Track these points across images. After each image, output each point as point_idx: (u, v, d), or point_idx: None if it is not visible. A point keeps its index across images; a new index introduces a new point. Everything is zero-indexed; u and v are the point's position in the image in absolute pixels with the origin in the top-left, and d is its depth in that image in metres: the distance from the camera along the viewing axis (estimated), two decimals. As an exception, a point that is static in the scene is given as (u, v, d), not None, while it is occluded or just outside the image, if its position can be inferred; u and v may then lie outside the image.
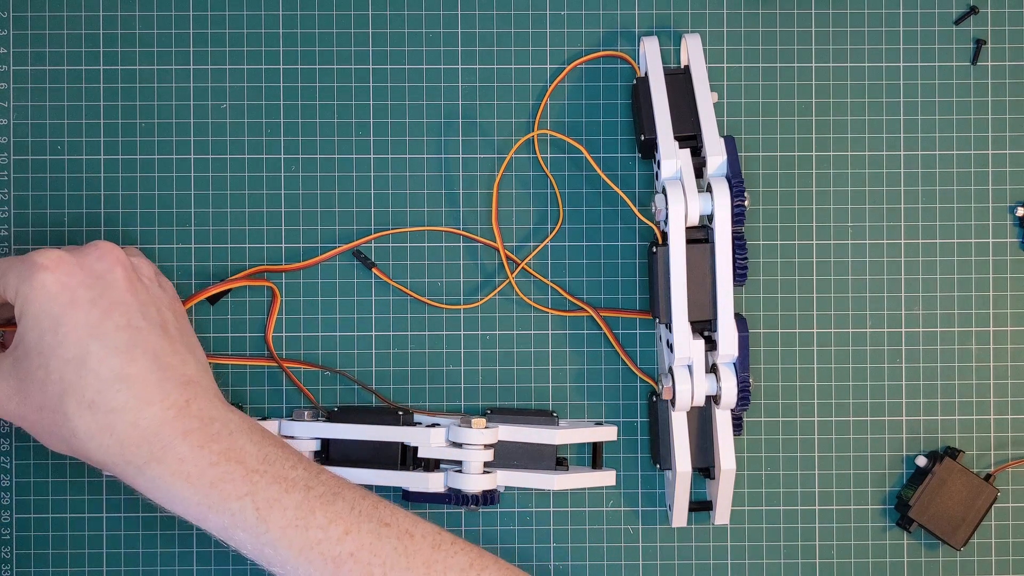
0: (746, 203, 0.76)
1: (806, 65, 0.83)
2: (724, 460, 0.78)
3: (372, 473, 0.78)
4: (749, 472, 0.82)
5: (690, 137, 0.79)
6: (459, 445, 0.78)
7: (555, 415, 0.81)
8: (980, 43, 0.83)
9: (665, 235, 0.77)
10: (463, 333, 0.82)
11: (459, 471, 0.78)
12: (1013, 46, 0.83)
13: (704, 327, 0.78)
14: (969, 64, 0.83)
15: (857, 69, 0.83)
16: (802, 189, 0.83)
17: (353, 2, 0.82)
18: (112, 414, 0.69)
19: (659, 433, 0.80)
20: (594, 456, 0.82)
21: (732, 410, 0.78)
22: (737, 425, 0.79)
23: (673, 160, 0.77)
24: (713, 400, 0.78)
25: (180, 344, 0.72)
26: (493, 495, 0.78)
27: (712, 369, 0.78)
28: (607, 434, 0.81)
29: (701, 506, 0.82)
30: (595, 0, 0.82)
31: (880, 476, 0.83)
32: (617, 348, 0.82)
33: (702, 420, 0.79)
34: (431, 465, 0.79)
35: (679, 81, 0.79)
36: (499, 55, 0.82)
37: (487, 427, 0.78)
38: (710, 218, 0.77)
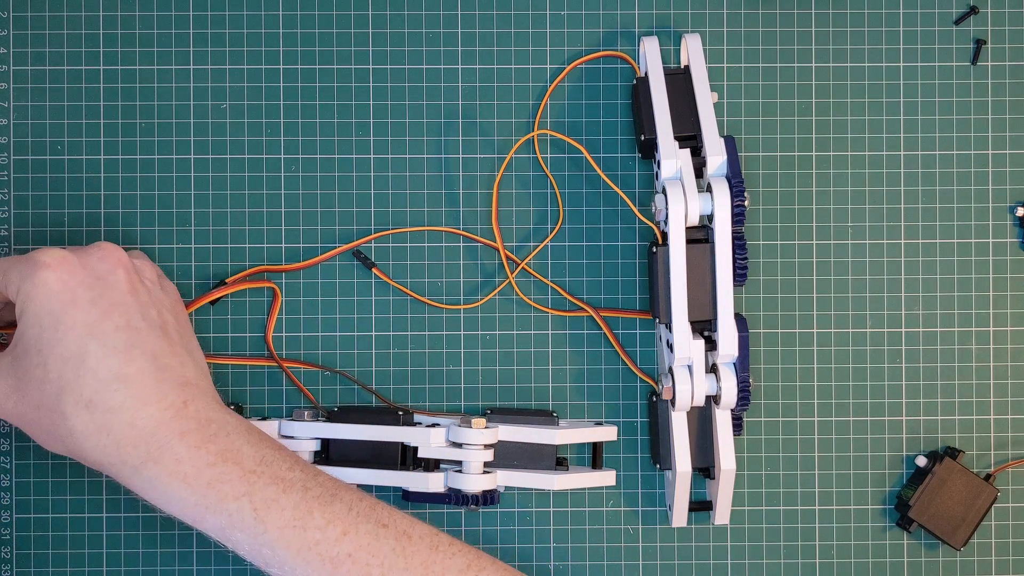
0: (746, 203, 0.76)
1: (806, 65, 0.83)
2: (724, 460, 0.78)
3: (372, 473, 0.78)
4: (749, 472, 0.82)
5: (690, 137, 0.79)
6: (459, 445, 0.78)
7: (555, 415, 0.81)
8: (980, 43, 0.82)
9: (665, 235, 0.77)
10: (463, 333, 0.82)
11: (459, 471, 0.78)
12: (1013, 46, 0.83)
13: (704, 327, 0.78)
14: (969, 64, 0.83)
15: (857, 69, 0.83)
16: (802, 189, 0.83)
17: (353, 2, 0.82)
18: (109, 414, 0.69)
19: (659, 433, 0.80)
20: (594, 456, 0.82)
21: (732, 410, 0.78)
22: (737, 425, 0.79)
23: (673, 160, 0.77)
24: (713, 400, 0.78)
25: (179, 346, 0.72)
26: (493, 495, 0.78)
27: (712, 369, 0.78)
28: (607, 434, 0.81)
29: (701, 506, 0.82)
30: (595, 0, 0.82)
31: (880, 476, 0.83)
32: (617, 348, 0.82)
33: (702, 420, 0.79)
34: (431, 465, 0.79)
35: (679, 81, 0.79)
36: (499, 55, 0.82)
37: (487, 427, 0.78)
38: (710, 218, 0.77)
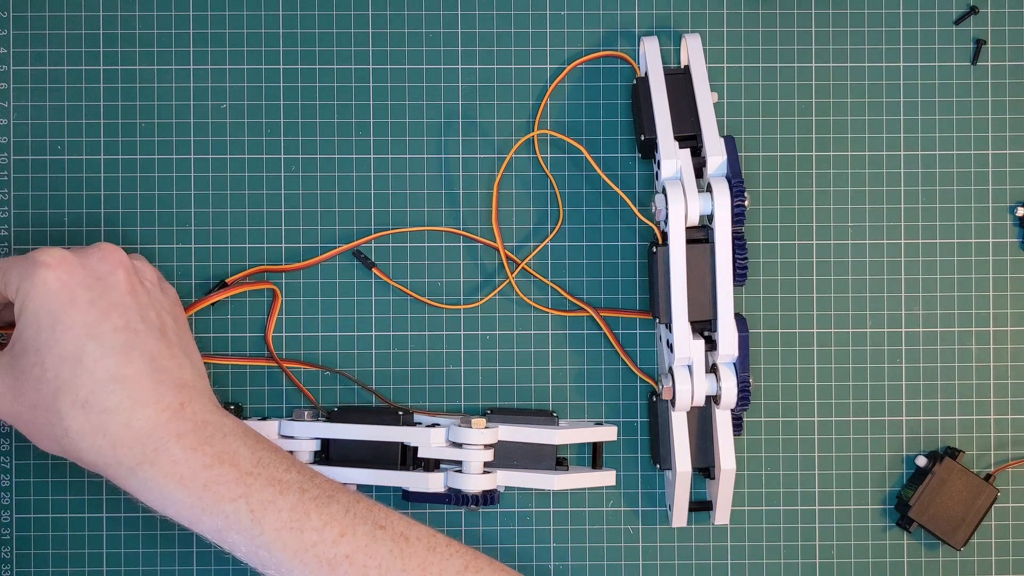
0: (746, 203, 0.76)
1: (806, 65, 0.83)
2: (724, 460, 0.78)
3: (372, 473, 0.78)
4: (749, 472, 0.82)
5: (690, 137, 0.79)
6: (459, 445, 0.78)
7: (555, 415, 0.81)
8: (980, 43, 0.82)
9: (665, 235, 0.77)
10: (463, 333, 0.82)
11: (459, 471, 0.78)
12: (1013, 46, 0.83)
13: (704, 327, 0.78)
14: (969, 64, 0.83)
15: (857, 69, 0.83)
16: (802, 189, 0.83)
17: (353, 2, 0.82)
18: (105, 414, 0.69)
19: (659, 433, 0.80)
20: (594, 456, 0.82)
21: (732, 410, 0.78)
22: (737, 425, 0.79)
23: (673, 160, 0.77)
24: (713, 400, 0.78)
25: (177, 348, 0.72)
26: (493, 495, 0.78)
27: (712, 369, 0.78)
28: (607, 434, 0.81)
29: (701, 506, 0.82)
30: (595, 0, 0.82)
31: (880, 476, 0.83)
32: (617, 348, 0.82)
33: (702, 420, 0.79)
34: (431, 465, 0.79)
35: (679, 81, 0.79)
36: (499, 55, 0.82)
37: (487, 427, 0.78)
38: (710, 218, 0.77)
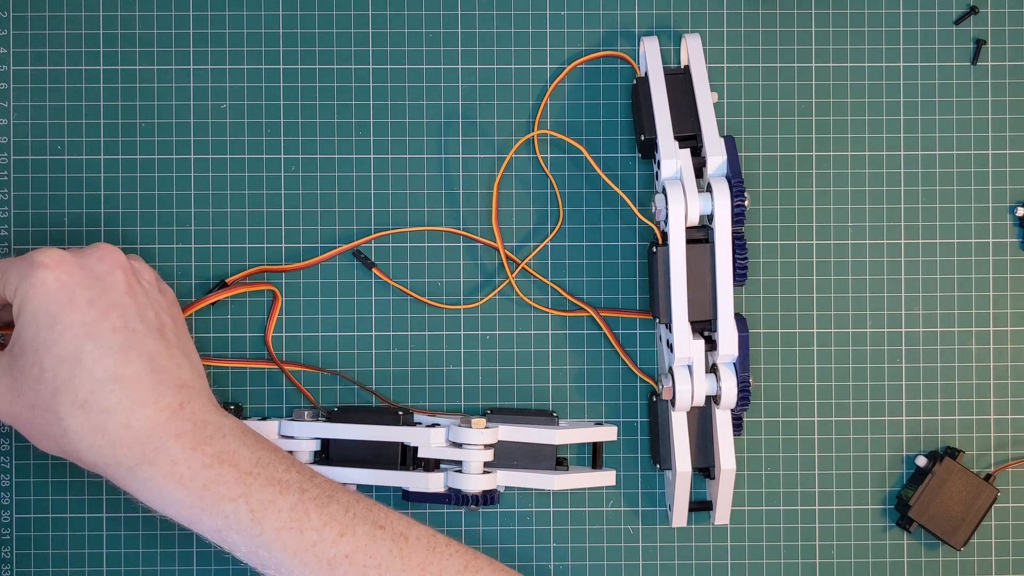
0: (746, 203, 0.76)
1: (806, 65, 0.83)
2: (724, 460, 0.78)
3: (372, 473, 0.78)
4: (749, 472, 0.82)
5: (690, 137, 0.79)
6: (459, 445, 0.78)
7: (555, 415, 0.81)
8: (980, 43, 0.82)
9: (665, 235, 0.77)
10: (463, 333, 0.82)
11: (459, 471, 0.78)
12: (1013, 46, 0.83)
13: (704, 327, 0.78)
14: (969, 64, 0.83)
15: (857, 69, 0.83)
16: (802, 189, 0.83)
17: (353, 2, 0.82)
18: (104, 414, 0.69)
19: (659, 433, 0.80)
20: (594, 456, 0.81)
21: (732, 410, 0.78)
22: (737, 425, 0.79)
23: (673, 160, 0.77)
24: (713, 400, 0.78)
25: (176, 349, 0.72)
26: (493, 495, 0.78)
27: (712, 369, 0.78)
28: (607, 434, 0.81)
29: (701, 506, 0.82)
30: (595, 0, 0.82)
31: (880, 476, 0.83)
32: (617, 348, 0.82)
33: (702, 420, 0.79)
34: (431, 465, 0.79)
35: (679, 81, 0.79)
36: (499, 55, 0.82)
37: (487, 427, 0.78)
38: (710, 218, 0.77)
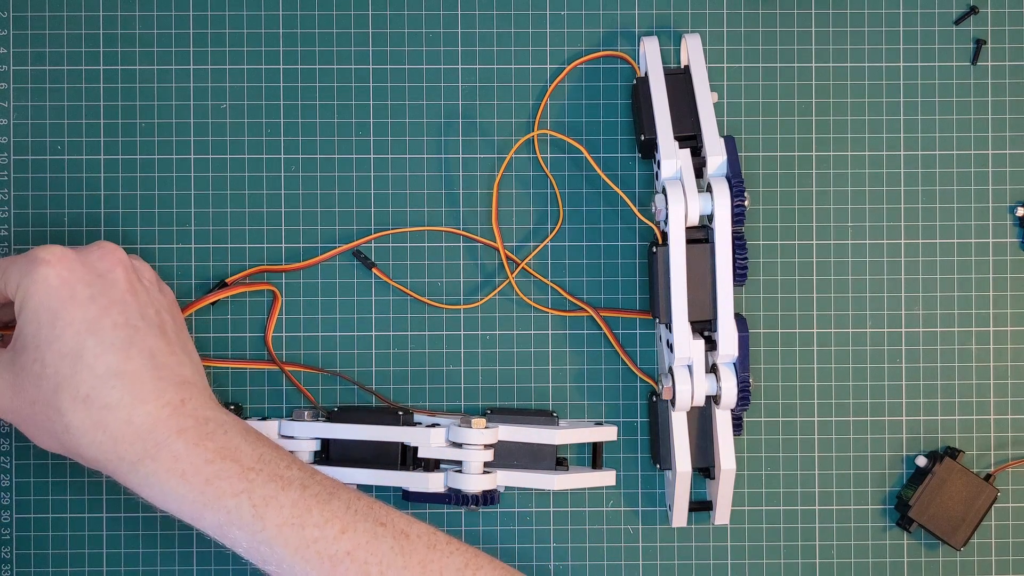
0: (746, 203, 0.76)
1: (806, 65, 0.83)
2: (724, 460, 0.78)
3: (372, 473, 0.78)
4: (749, 472, 0.82)
5: (690, 137, 0.79)
6: (459, 445, 0.78)
7: (555, 415, 0.81)
8: (980, 43, 0.82)
9: (665, 235, 0.77)
10: (463, 333, 0.82)
11: (459, 471, 0.78)
12: (1013, 46, 0.83)
13: (704, 327, 0.78)
14: (969, 64, 0.83)
15: (857, 69, 0.83)
16: (802, 189, 0.83)
17: (353, 2, 0.82)
18: (106, 410, 0.69)
19: (659, 433, 0.80)
20: (594, 456, 0.81)
21: (732, 410, 0.78)
22: (737, 425, 0.79)
23: (673, 160, 0.77)
24: (713, 400, 0.78)
25: (177, 346, 0.72)
26: (493, 495, 0.78)
27: (712, 369, 0.78)
28: (607, 434, 0.81)
29: (701, 506, 0.82)
30: (595, 0, 0.82)
31: (880, 476, 0.83)
32: (617, 348, 0.82)
33: (702, 420, 0.79)
34: (431, 465, 0.79)
35: (679, 81, 0.79)
36: (499, 55, 0.82)
37: (487, 427, 0.78)
38: (710, 218, 0.77)
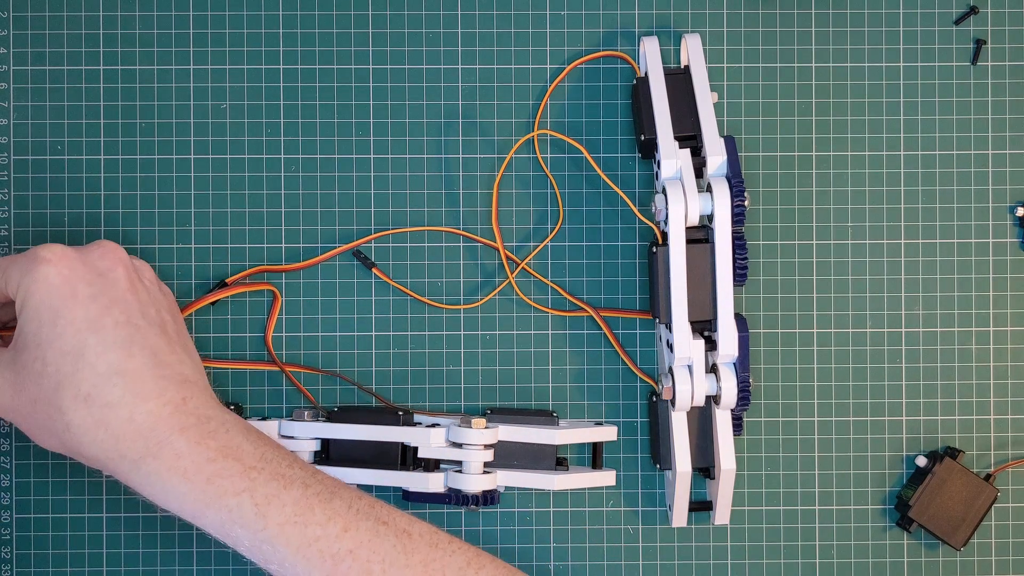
0: (746, 203, 0.76)
1: (806, 65, 0.83)
2: (724, 460, 0.78)
3: (372, 473, 0.78)
4: (749, 472, 0.82)
5: (690, 137, 0.79)
6: (459, 445, 0.78)
7: (555, 415, 0.81)
8: (980, 43, 0.82)
9: (665, 235, 0.77)
10: (463, 333, 0.82)
11: (459, 471, 0.78)
12: (1013, 46, 0.83)
13: (704, 327, 0.78)
14: (969, 64, 0.83)
15: (857, 69, 0.83)
16: (802, 189, 0.83)
17: (353, 2, 0.82)
18: (107, 408, 0.69)
19: (659, 433, 0.80)
20: (594, 456, 0.81)
21: (732, 410, 0.78)
22: (737, 425, 0.79)
23: (673, 160, 0.77)
24: (713, 400, 0.78)
25: (178, 345, 0.72)
26: (493, 495, 0.78)
27: (712, 369, 0.78)
28: (607, 434, 0.81)
29: (701, 506, 0.82)
30: (595, 0, 0.82)
31: (880, 476, 0.83)
32: (617, 348, 0.82)
33: (702, 420, 0.79)
34: (431, 465, 0.79)
35: (679, 81, 0.79)
36: (499, 55, 0.82)
37: (487, 427, 0.78)
38: (710, 218, 0.77)
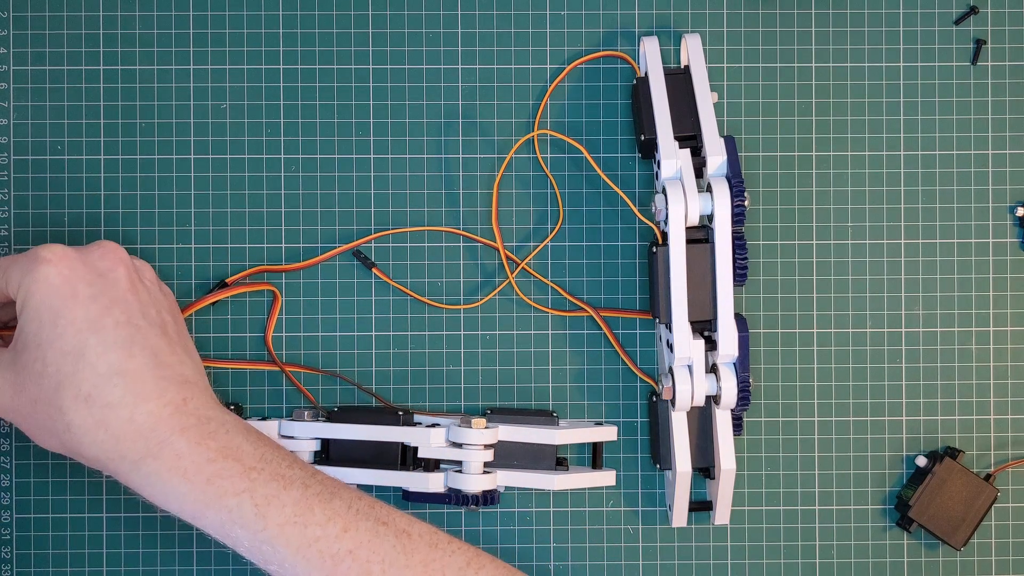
0: (746, 203, 0.76)
1: (806, 65, 0.83)
2: (724, 460, 0.78)
3: (372, 473, 0.78)
4: (749, 472, 0.82)
5: (690, 137, 0.79)
6: (459, 445, 0.78)
7: (555, 415, 0.81)
8: (980, 43, 0.82)
9: (665, 235, 0.77)
10: (463, 333, 0.82)
11: (459, 471, 0.78)
12: (1013, 46, 0.83)
13: (704, 327, 0.78)
14: (969, 64, 0.83)
15: (857, 69, 0.83)
16: (802, 189, 0.83)
17: (353, 2, 0.82)
18: (108, 408, 0.69)
19: (659, 433, 0.80)
20: (594, 456, 0.81)
21: (732, 410, 0.78)
22: (737, 425, 0.79)
23: (673, 160, 0.77)
24: (713, 400, 0.78)
25: (178, 345, 0.72)
26: (493, 495, 0.78)
27: (712, 369, 0.78)
28: (607, 434, 0.81)
29: (701, 506, 0.82)
30: (595, 0, 0.82)
31: (880, 476, 0.83)
32: (617, 348, 0.82)
33: (702, 420, 0.79)
34: (431, 465, 0.79)
35: (679, 81, 0.79)
36: (499, 55, 0.82)
37: (487, 427, 0.78)
38: (710, 218, 0.77)
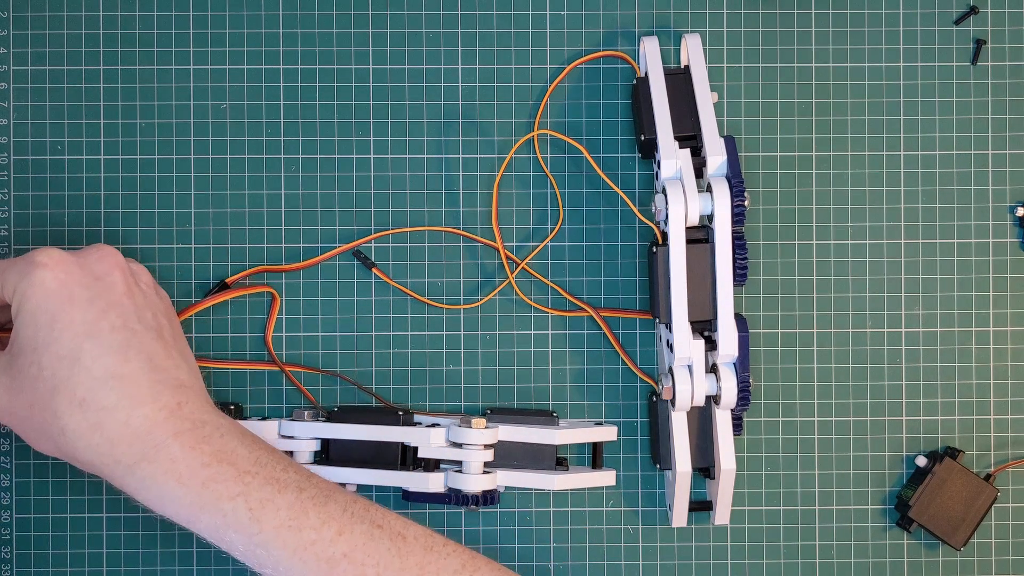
0: (746, 203, 0.76)
1: (806, 65, 0.83)
2: (724, 460, 0.78)
3: (372, 473, 0.78)
4: (749, 472, 0.82)
5: (690, 137, 0.79)
6: (459, 445, 0.78)
7: (555, 415, 0.81)
8: (980, 43, 0.82)
9: (665, 235, 0.77)
10: (463, 333, 0.82)
11: (459, 471, 0.78)
12: (1013, 46, 0.83)
13: (704, 327, 0.78)
14: (969, 64, 0.83)
15: (857, 69, 0.83)
16: (802, 189, 0.83)
17: (353, 2, 0.82)
18: (103, 412, 0.69)
19: (659, 433, 0.80)
20: (594, 456, 0.81)
21: (732, 410, 0.78)
22: (737, 425, 0.79)
23: (673, 160, 0.77)
24: (713, 400, 0.78)
25: (174, 350, 0.72)
26: (493, 495, 0.78)
27: (712, 369, 0.78)
28: (607, 434, 0.81)
29: (701, 506, 0.82)
30: (595, 0, 0.82)
31: (880, 476, 0.83)
32: (617, 348, 0.82)
33: (702, 420, 0.79)
34: (431, 465, 0.79)
35: (679, 81, 0.79)
36: (499, 55, 0.82)
37: (487, 427, 0.78)
38: (710, 218, 0.77)
